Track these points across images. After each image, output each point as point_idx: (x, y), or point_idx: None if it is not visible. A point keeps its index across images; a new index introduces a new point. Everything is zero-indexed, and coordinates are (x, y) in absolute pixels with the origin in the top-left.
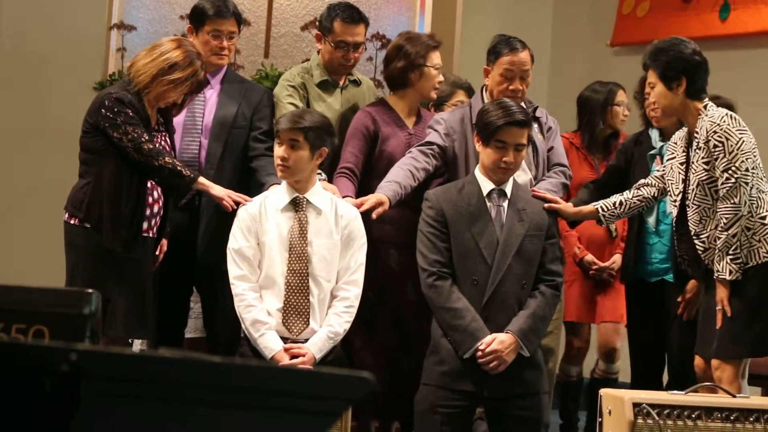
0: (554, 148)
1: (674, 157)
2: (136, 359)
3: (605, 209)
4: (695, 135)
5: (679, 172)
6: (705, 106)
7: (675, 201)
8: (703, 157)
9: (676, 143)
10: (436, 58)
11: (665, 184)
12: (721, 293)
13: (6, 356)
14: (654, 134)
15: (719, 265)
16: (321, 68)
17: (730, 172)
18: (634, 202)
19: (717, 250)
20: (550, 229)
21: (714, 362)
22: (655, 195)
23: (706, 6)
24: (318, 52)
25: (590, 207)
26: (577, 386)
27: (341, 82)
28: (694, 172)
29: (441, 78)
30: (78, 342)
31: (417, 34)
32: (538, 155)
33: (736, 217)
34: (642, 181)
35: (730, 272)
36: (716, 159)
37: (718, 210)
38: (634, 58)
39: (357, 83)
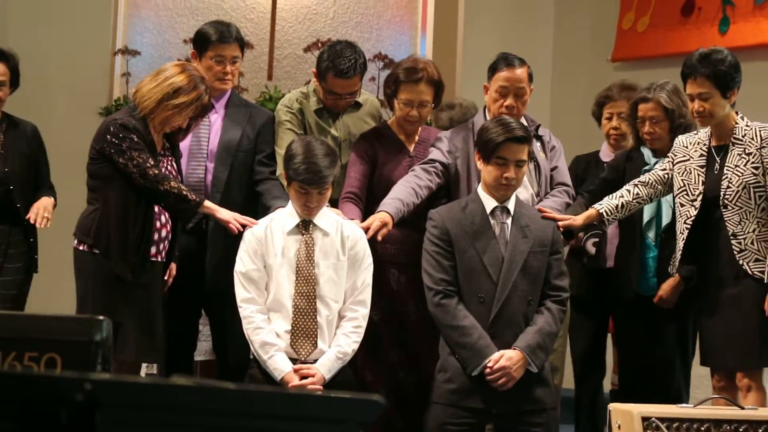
0: (558, 167)
1: (688, 159)
2: (149, 388)
3: (610, 213)
4: (736, 140)
5: (698, 175)
6: (741, 117)
7: (695, 200)
8: (753, 163)
9: (687, 147)
10: (406, 92)
11: (664, 185)
12: None
13: (22, 387)
14: (646, 152)
15: None
16: (318, 95)
17: None
18: (633, 204)
19: None
20: (554, 244)
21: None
22: (651, 197)
23: (705, 20)
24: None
25: (593, 212)
26: None
27: (341, 110)
28: (739, 174)
29: (413, 113)
30: (90, 369)
31: (403, 62)
32: (540, 172)
33: None
34: (642, 178)
35: None
36: None
37: None
38: (635, 73)
39: (357, 106)
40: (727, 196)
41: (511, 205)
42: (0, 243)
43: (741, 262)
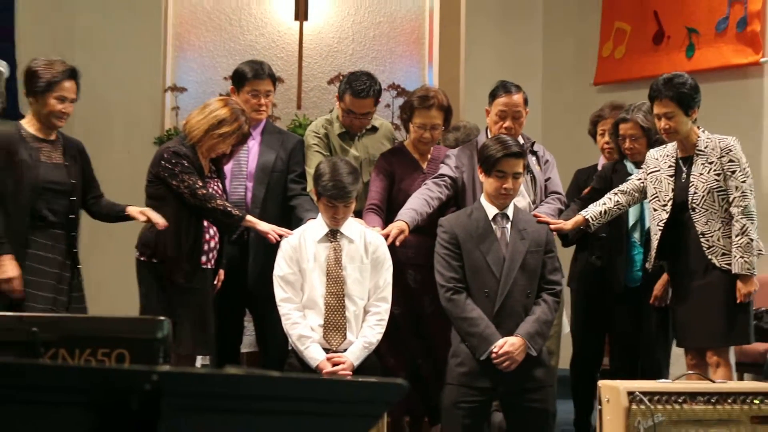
0: (551, 178)
1: (659, 170)
2: (207, 377)
3: (594, 218)
4: (699, 151)
5: (668, 183)
6: (703, 131)
7: (666, 205)
8: (715, 170)
9: (657, 159)
10: (420, 117)
11: (640, 193)
12: (751, 287)
13: (99, 379)
14: (629, 164)
15: (748, 262)
16: (340, 121)
17: (746, 185)
18: (615, 210)
19: (743, 248)
20: (548, 244)
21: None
22: (629, 203)
23: (674, 47)
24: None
25: (579, 218)
26: None
27: (359, 132)
28: (704, 181)
29: (426, 135)
30: (153, 362)
31: (417, 91)
32: (536, 183)
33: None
34: (621, 187)
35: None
36: (733, 172)
37: (743, 215)
38: (614, 95)
39: (374, 129)
40: (694, 201)
41: (510, 211)
42: (63, 248)
43: (710, 256)
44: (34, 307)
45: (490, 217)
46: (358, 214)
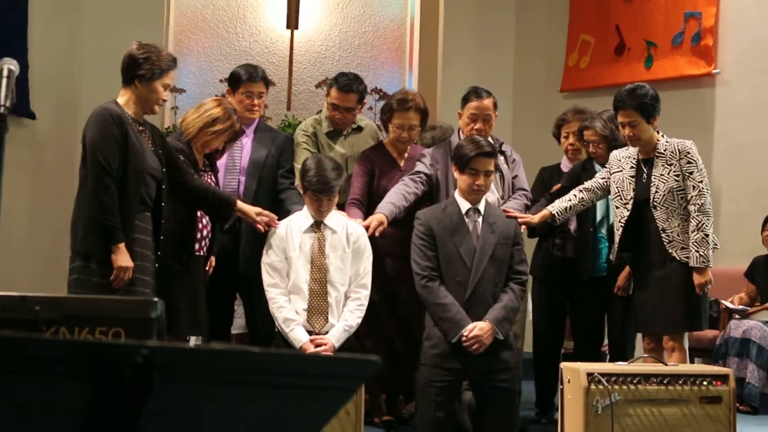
0: (518, 176)
1: (621, 171)
2: (194, 352)
3: (560, 213)
4: (659, 154)
5: (629, 183)
6: (662, 135)
7: (627, 203)
8: (674, 171)
9: (620, 160)
10: (398, 118)
11: (603, 191)
12: (705, 278)
13: (94, 353)
14: (596, 164)
15: (703, 255)
16: (328, 120)
17: (702, 184)
18: (579, 206)
19: (699, 242)
20: (516, 237)
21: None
22: (592, 200)
23: (634, 58)
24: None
25: (546, 213)
26: None
27: (346, 130)
28: (664, 182)
29: (404, 135)
30: (148, 340)
31: (396, 94)
32: (504, 180)
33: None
34: (585, 185)
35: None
36: (690, 173)
37: (699, 212)
38: (579, 101)
39: (359, 129)
40: (656, 199)
41: (481, 206)
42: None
43: (670, 250)
44: (143, 292)
45: (463, 211)
46: (341, 206)
